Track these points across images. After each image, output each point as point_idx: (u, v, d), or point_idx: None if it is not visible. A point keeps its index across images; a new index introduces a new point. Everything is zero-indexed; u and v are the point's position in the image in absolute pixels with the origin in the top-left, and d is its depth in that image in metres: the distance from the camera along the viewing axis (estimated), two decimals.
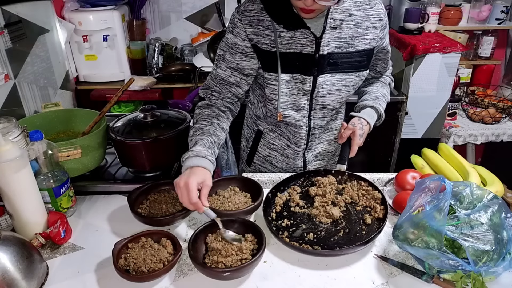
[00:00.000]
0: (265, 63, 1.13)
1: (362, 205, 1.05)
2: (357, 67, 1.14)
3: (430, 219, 0.83)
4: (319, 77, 1.11)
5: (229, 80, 1.16)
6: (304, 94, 1.14)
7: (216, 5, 2.53)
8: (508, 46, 2.77)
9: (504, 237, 0.81)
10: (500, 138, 2.32)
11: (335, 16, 1.06)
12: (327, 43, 1.08)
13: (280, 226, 1.02)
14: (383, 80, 1.32)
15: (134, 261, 0.88)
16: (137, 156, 1.27)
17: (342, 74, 1.13)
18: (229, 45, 1.14)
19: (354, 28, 1.09)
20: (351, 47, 1.10)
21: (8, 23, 1.47)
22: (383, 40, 1.17)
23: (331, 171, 1.15)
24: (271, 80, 1.14)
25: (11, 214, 0.97)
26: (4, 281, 0.78)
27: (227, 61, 1.15)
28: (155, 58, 2.46)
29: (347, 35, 1.09)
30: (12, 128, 1.07)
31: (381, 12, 1.12)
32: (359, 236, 0.97)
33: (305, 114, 1.19)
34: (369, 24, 1.10)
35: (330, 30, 1.07)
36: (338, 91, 1.15)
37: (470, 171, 1.15)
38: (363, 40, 1.11)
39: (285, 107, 1.17)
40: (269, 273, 0.90)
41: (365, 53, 1.13)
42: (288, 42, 1.08)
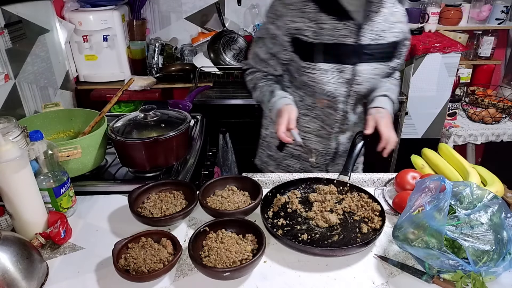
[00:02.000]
0: (304, 54, 1.18)
1: (360, 215, 1.05)
2: (386, 57, 1.23)
3: (430, 219, 0.83)
4: (357, 65, 1.17)
5: (269, 62, 1.27)
6: (343, 82, 1.20)
7: (216, 5, 2.53)
8: (508, 46, 2.77)
9: (504, 237, 0.81)
10: (500, 138, 2.32)
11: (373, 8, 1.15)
12: (365, 33, 1.15)
13: (275, 224, 1.02)
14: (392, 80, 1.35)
15: (134, 261, 0.88)
16: (137, 156, 1.27)
17: (377, 64, 1.21)
18: (271, 35, 1.21)
19: (382, 22, 1.17)
20: (382, 39, 1.18)
21: (8, 23, 1.47)
22: (404, 34, 1.24)
23: (333, 180, 1.15)
24: (308, 69, 1.19)
25: (11, 214, 0.97)
26: (4, 281, 0.78)
27: (267, 47, 1.24)
28: (155, 58, 2.46)
29: (377, 28, 1.17)
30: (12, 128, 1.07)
31: (402, 9, 1.23)
32: (353, 243, 0.96)
33: (341, 100, 1.24)
34: (395, 20, 1.19)
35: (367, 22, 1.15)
36: (372, 79, 1.22)
37: (470, 171, 1.15)
38: (391, 33, 1.19)
39: (323, 94, 1.23)
40: (269, 273, 0.90)
41: (394, 45, 1.21)
42: (329, 34, 1.14)
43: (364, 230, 0.99)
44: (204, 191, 1.11)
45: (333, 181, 1.15)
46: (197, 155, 1.48)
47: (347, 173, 1.17)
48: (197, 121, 1.69)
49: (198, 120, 1.70)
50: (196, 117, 1.70)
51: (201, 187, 1.13)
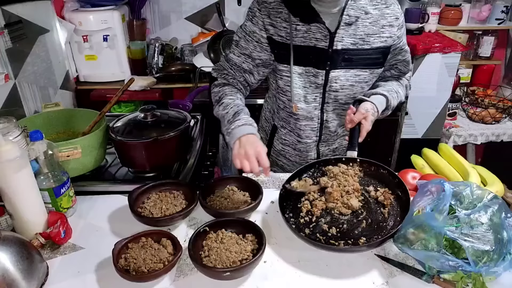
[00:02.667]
0: (279, 55, 1.16)
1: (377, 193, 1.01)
2: (372, 64, 1.16)
3: (430, 220, 0.83)
4: (331, 71, 1.14)
5: (242, 66, 1.20)
6: (316, 87, 1.17)
7: (216, 5, 2.53)
8: (508, 46, 2.77)
9: (504, 237, 0.81)
10: (500, 138, 2.32)
11: (350, 13, 1.09)
12: (341, 38, 1.10)
13: (298, 223, 0.99)
14: (401, 81, 1.31)
15: (134, 261, 0.88)
16: (137, 156, 1.27)
17: (357, 70, 1.15)
18: (247, 32, 1.17)
19: (370, 26, 1.11)
20: (366, 44, 1.12)
21: (8, 23, 1.47)
22: (400, 40, 1.17)
23: (342, 158, 1.09)
24: (284, 71, 1.17)
25: (11, 214, 0.97)
26: (4, 281, 0.78)
27: (241, 48, 1.18)
28: (155, 58, 2.46)
29: (362, 32, 1.11)
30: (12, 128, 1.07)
31: (397, 11, 1.14)
32: (382, 226, 0.93)
33: (317, 106, 1.21)
34: (385, 23, 1.12)
35: (344, 26, 1.10)
36: (351, 87, 1.17)
37: (470, 171, 1.15)
38: (378, 37, 1.13)
39: (298, 99, 1.20)
40: (269, 273, 0.90)
41: (381, 51, 1.15)
42: (303, 36, 1.11)
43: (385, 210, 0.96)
44: (204, 191, 1.11)
45: (342, 159, 1.09)
46: (197, 155, 1.48)
47: (354, 148, 1.10)
48: (197, 121, 1.69)
49: (198, 120, 1.70)
50: (196, 117, 1.70)
51: (201, 187, 1.13)
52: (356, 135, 1.11)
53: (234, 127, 1.06)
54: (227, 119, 1.10)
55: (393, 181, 1.02)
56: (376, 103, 1.15)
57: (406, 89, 1.32)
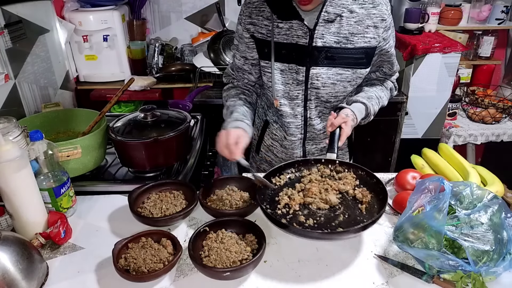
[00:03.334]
0: (261, 52, 1.19)
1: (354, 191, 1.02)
2: (354, 64, 1.16)
3: (430, 219, 0.83)
4: (312, 68, 1.15)
5: (243, 68, 1.27)
6: (298, 84, 1.18)
7: (216, 5, 2.53)
8: (508, 46, 2.77)
9: (504, 237, 0.81)
10: (500, 138, 2.32)
11: (329, 10, 1.10)
12: (321, 35, 1.12)
13: (275, 214, 0.98)
14: (386, 84, 1.31)
15: (134, 261, 0.88)
16: (137, 156, 1.27)
17: (339, 69, 1.16)
18: (239, 35, 1.23)
19: (355, 25, 1.11)
20: (349, 43, 1.12)
21: (8, 23, 1.47)
22: (386, 42, 1.16)
23: (321, 159, 1.12)
24: (266, 68, 1.20)
25: (11, 214, 0.97)
26: (4, 281, 0.78)
27: (240, 51, 1.25)
28: (155, 58, 2.46)
29: (346, 31, 1.11)
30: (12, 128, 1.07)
31: (384, 13, 1.13)
32: (360, 220, 0.94)
33: (299, 103, 1.22)
34: (370, 23, 1.12)
35: (324, 23, 1.11)
36: (333, 85, 1.18)
37: (470, 171, 1.15)
38: (362, 38, 1.12)
39: (281, 95, 1.22)
40: (269, 273, 0.90)
41: (364, 51, 1.14)
42: (285, 33, 1.13)
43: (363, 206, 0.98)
44: (204, 191, 1.11)
45: (321, 160, 1.12)
46: (197, 155, 1.48)
47: (333, 150, 1.11)
48: (197, 121, 1.69)
49: (198, 120, 1.70)
50: (196, 117, 1.71)
51: (201, 187, 1.13)
52: (336, 139, 1.12)
53: (226, 124, 1.15)
54: (226, 118, 1.20)
55: (371, 181, 1.04)
56: (355, 111, 1.16)
57: (391, 92, 1.33)
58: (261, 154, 1.43)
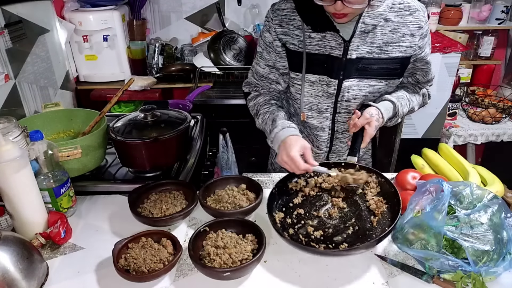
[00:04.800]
0: (292, 63, 1.14)
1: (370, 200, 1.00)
2: (388, 74, 1.10)
3: (430, 220, 0.83)
4: (345, 81, 1.10)
5: (269, 77, 1.20)
6: (328, 97, 1.14)
7: (216, 5, 2.53)
8: (508, 46, 2.77)
9: (504, 237, 0.81)
10: (500, 138, 2.31)
11: (367, 21, 1.04)
12: (357, 47, 1.06)
13: (285, 222, 0.98)
14: (417, 89, 1.24)
15: (134, 261, 0.88)
16: (137, 156, 1.27)
17: (371, 80, 1.10)
18: (267, 44, 1.16)
19: (390, 34, 1.05)
20: (383, 53, 1.07)
21: (9, 23, 1.47)
22: (422, 50, 1.11)
23: (341, 163, 1.08)
24: (296, 80, 1.15)
25: (11, 214, 0.97)
26: (4, 281, 0.78)
27: (265, 59, 1.18)
28: (155, 58, 2.46)
29: (381, 40, 1.06)
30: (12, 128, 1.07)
31: (421, 20, 1.07)
32: (368, 234, 0.92)
33: (328, 117, 1.18)
34: (407, 31, 1.06)
35: (360, 34, 1.05)
36: (364, 97, 1.13)
37: (470, 171, 1.15)
38: (398, 47, 1.07)
39: (309, 108, 1.18)
40: (269, 273, 0.90)
41: (399, 61, 1.09)
42: (317, 43, 1.08)
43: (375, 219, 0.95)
44: (204, 191, 1.11)
45: (341, 164, 1.07)
46: (197, 155, 1.48)
47: (355, 153, 1.06)
48: (197, 121, 1.69)
49: (198, 120, 1.70)
50: (196, 117, 1.70)
51: (201, 187, 1.13)
52: (358, 141, 1.07)
53: (274, 136, 1.09)
54: (268, 129, 1.13)
55: (389, 190, 1.00)
56: (382, 109, 1.09)
57: (423, 98, 1.25)
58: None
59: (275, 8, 1.12)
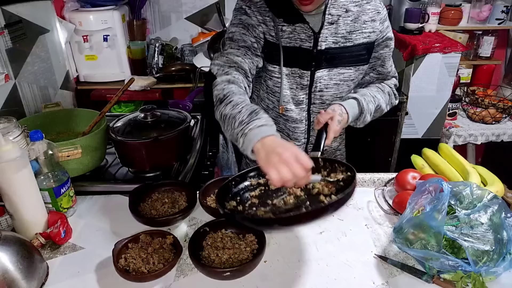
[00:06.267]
0: (269, 55, 1.14)
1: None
2: (356, 61, 1.15)
3: (430, 220, 0.83)
4: (316, 72, 1.13)
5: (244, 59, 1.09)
6: (302, 89, 1.16)
7: (216, 5, 2.53)
8: (509, 46, 2.76)
9: (504, 237, 0.81)
10: (501, 138, 2.32)
11: (332, 12, 1.08)
12: (325, 38, 1.10)
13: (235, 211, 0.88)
14: (382, 87, 1.24)
15: (134, 261, 0.88)
16: (137, 156, 1.27)
17: (340, 69, 1.14)
18: (243, 25, 1.11)
19: (351, 23, 1.10)
20: (348, 41, 1.11)
21: (9, 23, 1.47)
22: (383, 33, 1.15)
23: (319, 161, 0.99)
24: (274, 72, 1.15)
25: (11, 214, 0.97)
26: (5, 281, 0.78)
27: (238, 41, 1.11)
28: (155, 58, 2.46)
29: (344, 30, 1.10)
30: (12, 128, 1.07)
31: (378, 6, 1.13)
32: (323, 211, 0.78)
33: (304, 108, 1.20)
34: (367, 18, 1.11)
35: (328, 26, 1.09)
36: (336, 86, 1.16)
37: (470, 171, 1.15)
38: (361, 34, 1.11)
39: (287, 100, 1.19)
40: (269, 273, 0.90)
41: (364, 47, 1.13)
42: (288, 36, 1.10)
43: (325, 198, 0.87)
44: (204, 191, 1.11)
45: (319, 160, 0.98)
46: (197, 155, 1.48)
47: (318, 148, 1.02)
48: (197, 121, 1.69)
49: (198, 120, 1.70)
50: (196, 117, 1.70)
51: (201, 187, 1.13)
52: (322, 137, 1.05)
53: (252, 127, 0.85)
54: (239, 119, 0.89)
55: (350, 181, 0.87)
56: (344, 105, 1.11)
57: (389, 97, 1.24)
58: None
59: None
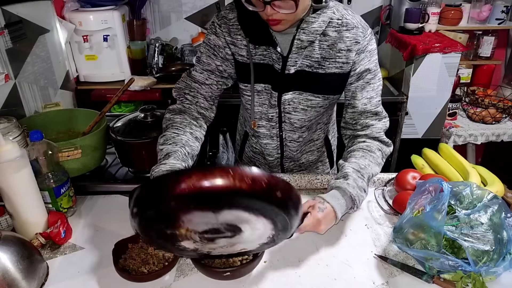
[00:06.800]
0: (240, 75, 1.13)
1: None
2: (327, 91, 1.09)
3: (430, 220, 0.83)
4: (283, 94, 1.10)
5: (205, 82, 1.11)
6: (271, 107, 1.14)
7: (216, 5, 2.53)
8: (509, 46, 2.77)
9: (504, 237, 0.81)
10: (501, 138, 2.32)
11: (302, 37, 1.01)
12: (294, 62, 1.05)
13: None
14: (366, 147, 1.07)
15: (133, 261, 0.88)
16: (137, 156, 1.27)
17: (309, 95, 1.10)
18: (211, 46, 1.10)
19: (327, 48, 1.03)
20: (321, 68, 1.05)
21: (9, 23, 1.47)
22: (356, 65, 1.04)
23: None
24: (245, 90, 1.15)
25: (11, 214, 0.97)
26: (5, 281, 0.78)
27: (203, 63, 1.11)
28: (155, 58, 2.46)
29: (319, 55, 1.04)
30: (12, 128, 1.07)
31: (358, 35, 1.02)
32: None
33: (275, 126, 1.19)
34: (343, 47, 1.02)
35: (297, 50, 1.03)
36: (303, 111, 1.13)
37: (470, 171, 1.15)
38: (334, 63, 1.04)
39: (259, 117, 1.18)
40: (269, 273, 0.90)
41: (336, 77, 1.06)
42: (262, 54, 1.07)
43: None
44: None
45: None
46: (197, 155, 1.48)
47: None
48: None
49: None
50: None
51: None
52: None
53: (157, 170, 0.92)
54: (159, 157, 0.99)
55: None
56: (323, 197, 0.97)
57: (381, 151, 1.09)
58: (244, 163, 1.41)
59: (221, 15, 1.07)
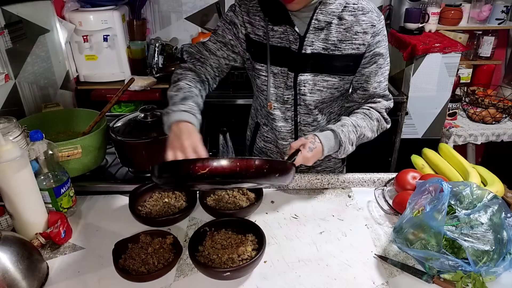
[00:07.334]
0: (256, 54, 1.16)
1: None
2: (342, 71, 1.14)
3: (430, 220, 0.83)
4: (300, 75, 1.14)
5: (216, 53, 1.17)
6: (287, 89, 1.17)
7: (216, 5, 2.53)
8: (509, 46, 2.77)
9: (504, 237, 0.81)
10: (501, 138, 2.32)
11: (319, 18, 1.07)
12: (311, 43, 1.10)
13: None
14: (368, 113, 1.17)
15: (133, 261, 0.88)
16: (137, 156, 1.27)
17: (325, 76, 1.14)
18: (227, 21, 1.16)
19: (344, 32, 1.09)
20: (337, 50, 1.10)
21: (9, 23, 1.47)
22: (371, 47, 1.11)
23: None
24: (262, 71, 1.17)
25: (11, 214, 0.97)
26: (5, 281, 0.78)
27: (218, 35, 1.17)
28: (155, 58, 2.46)
29: (335, 38, 1.09)
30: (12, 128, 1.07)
31: (374, 19, 1.09)
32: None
33: (290, 108, 1.20)
34: (360, 29, 1.09)
35: (314, 31, 1.09)
36: (319, 92, 1.16)
37: (471, 171, 1.15)
38: (350, 44, 1.10)
39: (274, 99, 1.20)
40: (269, 273, 0.90)
41: (352, 58, 1.12)
42: (280, 36, 1.12)
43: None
44: (204, 191, 1.11)
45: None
46: None
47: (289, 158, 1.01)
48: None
49: None
50: None
51: None
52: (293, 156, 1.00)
53: (176, 110, 0.97)
54: (174, 100, 1.01)
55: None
56: (318, 135, 1.05)
57: (378, 123, 1.17)
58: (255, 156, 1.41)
59: None
